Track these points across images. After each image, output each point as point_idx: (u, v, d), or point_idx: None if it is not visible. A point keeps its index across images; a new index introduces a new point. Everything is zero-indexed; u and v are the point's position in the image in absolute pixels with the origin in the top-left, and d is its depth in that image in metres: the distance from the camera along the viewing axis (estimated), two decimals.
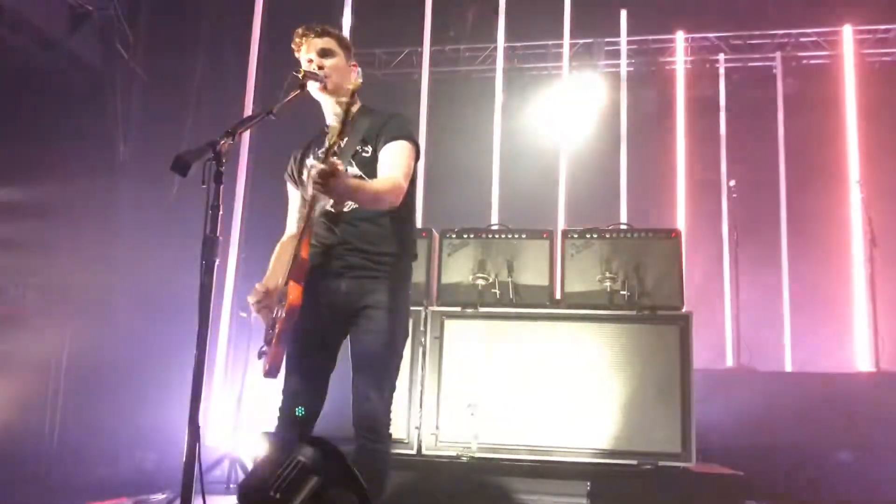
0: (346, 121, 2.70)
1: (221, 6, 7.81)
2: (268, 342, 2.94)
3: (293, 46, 3.22)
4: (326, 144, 2.70)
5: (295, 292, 2.78)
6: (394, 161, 3.01)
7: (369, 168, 3.04)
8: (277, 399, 3.10)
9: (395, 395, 4.40)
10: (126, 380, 6.68)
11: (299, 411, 3.01)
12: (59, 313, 6.52)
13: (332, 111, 3.11)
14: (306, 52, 3.17)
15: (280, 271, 3.04)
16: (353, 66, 3.26)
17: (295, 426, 3.02)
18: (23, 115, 6.74)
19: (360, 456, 2.89)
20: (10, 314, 6.81)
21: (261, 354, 2.96)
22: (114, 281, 6.91)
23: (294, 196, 3.32)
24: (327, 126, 3.22)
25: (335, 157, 2.66)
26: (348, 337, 3.08)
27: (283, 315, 2.79)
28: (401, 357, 3.09)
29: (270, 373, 2.86)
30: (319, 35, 3.18)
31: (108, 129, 7.11)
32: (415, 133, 3.21)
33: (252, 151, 7.16)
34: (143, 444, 6.37)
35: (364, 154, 3.07)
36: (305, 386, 3.06)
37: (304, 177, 3.12)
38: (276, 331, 2.83)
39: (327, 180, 2.61)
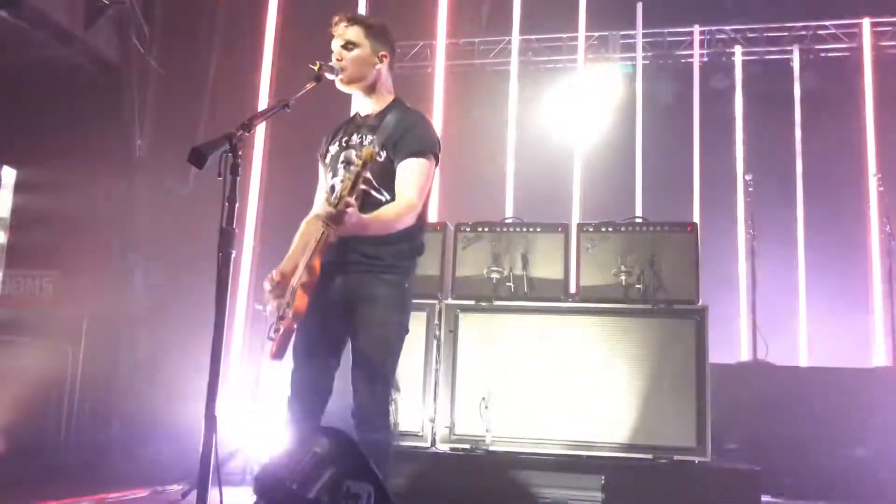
0: (357, 183, 2.74)
1: None
2: (276, 330, 3.03)
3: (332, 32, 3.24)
4: (338, 194, 2.72)
5: (302, 300, 2.89)
6: (412, 179, 3.06)
7: (382, 175, 3.04)
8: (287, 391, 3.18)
9: (409, 388, 4.42)
10: (142, 371, 6.73)
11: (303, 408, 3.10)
12: (75, 305, 6.57)
13: (360, 101, 3.25)
14: (335, 40, 3.21)
15: (297, 256, 3.12)
16: (384, 55, 3.28)
17: (304, 419, 3.10)
18: (41, 109, 6.80)
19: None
20: (28, 305, 6.87)
21: (270, 339, 3.04)
22: (130, 273, 6.96)
23: (320, 175, 3.37)
24: (360, 115, 3.28)
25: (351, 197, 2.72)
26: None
27: (290, 317, 2.90)
28: (397, 352, 3.13)
29: (277, 356, 2.98)
30: (348, 25, 3.21)
31: (124, 122, 7.16)
32: (435, 140, 3.20)
33: (268, 143, 7.18)
34: (159, 436, 6.41)
35: (378, 160, 3.09)
36: (311, 381, 3.14)
37: (327, 161, 3.24)
38: (284, 327, 2.94)
39: (337, 224, 2.70)
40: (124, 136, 7.17)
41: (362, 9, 7.88)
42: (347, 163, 2.84)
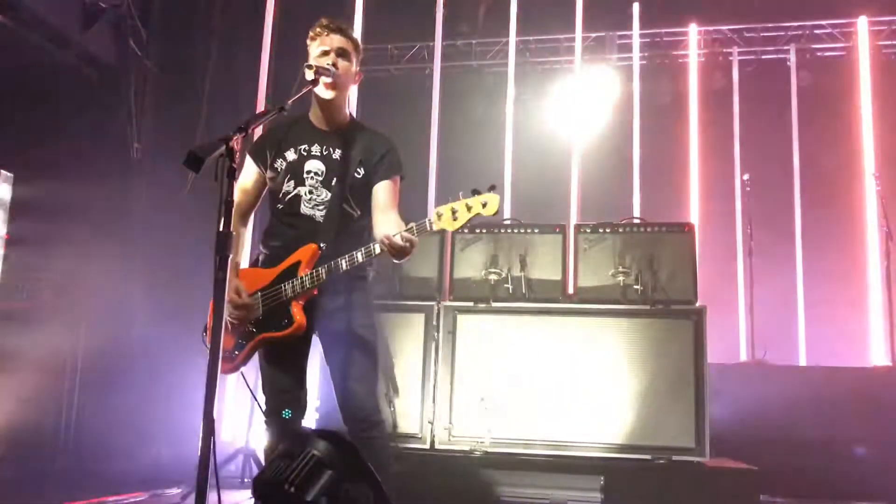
0: (458, 230, 3.01)
1: (233, 1, 7.83)
2: (242, 343, 3.16)
3: (311, 33, 3.25)
4: (429, 227, 2.87)
5: (301, 313, 3.05)
6: (395, 198, 3.21)
7: (358, 191, 3.18)
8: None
9: (408, 389, 4.44)
10: (141, 375, 6.72)
11: (286, 413, 3.16)
12: (73, 309, 6.56)
13: (323, 110, 3.24)
14: (320, 44, 3.21)
15: (244, 265, 3.35)
16: (359, 73, 3.35)
17: (285, 423, 3.16)
18: (37, 112, 6.79)
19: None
20: (26, 310, 6.86)
21: (234, 354, 3.17)
22: (128, 276, 6.94)
23: (250, 173, 3.34)
24: (316, 126, 3.29)
25: None
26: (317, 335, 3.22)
27: (292, 329, 3.04)
28: (377, 350, 3.22)
29: (235, 369, 3.19)
30: (341, 34, 3.24)
31: (121, 126, 7.15)
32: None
33: None
34: (158, 439, 6.41)
35: (356, 176, 3.19)
36: (287, 386, 3.21)
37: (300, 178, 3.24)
38: (259, 337, 3.11)
39: (411, 251, 2.87)
40: (121, 139, 7.16)
41: (359, 12, 7.87)
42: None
